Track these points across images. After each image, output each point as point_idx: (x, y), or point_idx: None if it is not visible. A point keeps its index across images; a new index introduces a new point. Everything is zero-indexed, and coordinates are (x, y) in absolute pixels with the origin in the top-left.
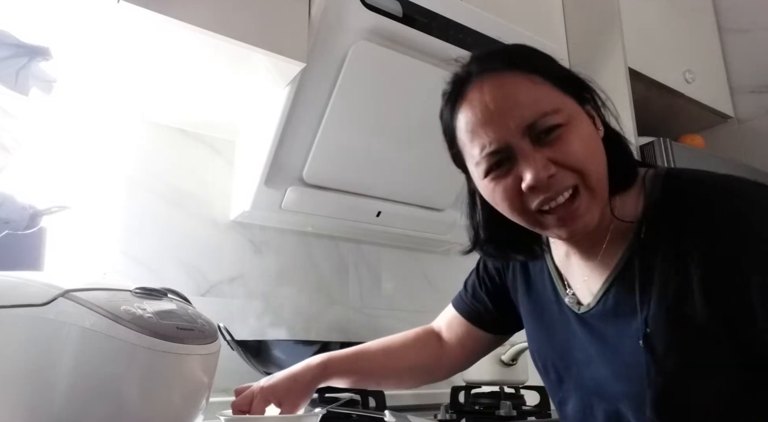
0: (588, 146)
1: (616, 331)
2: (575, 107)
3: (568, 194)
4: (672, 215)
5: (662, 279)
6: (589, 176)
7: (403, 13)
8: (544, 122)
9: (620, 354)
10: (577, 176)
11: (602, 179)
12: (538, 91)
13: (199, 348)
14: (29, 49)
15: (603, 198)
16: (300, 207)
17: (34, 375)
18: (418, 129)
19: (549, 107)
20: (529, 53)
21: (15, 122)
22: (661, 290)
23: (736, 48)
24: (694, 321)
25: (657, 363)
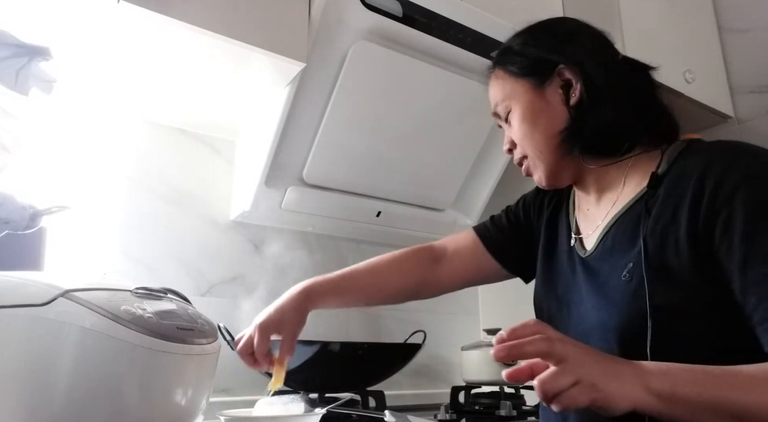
0: (524, 127)
1: (609, 267)
2: (524, 90)
3: (524, 161)
4: (678, 172)
5: (654, 221)
6: (526, 150)
7: (403, 13)
8: (498, 111)
9: (605, 287)
10: (521, 151)
11: (541, 151)
12: (497, 84)
13: (199, 348)
14: (29, 49)
15: (546, 165)
16: (300, 207)
17: (34, 375)
18: (418, 129)
19: (499, 97)
20: (502, 48)
21: (15, 122)
22: (652, 231)
23: (736, 48)
24: (675, 261)
25: (632, 296)
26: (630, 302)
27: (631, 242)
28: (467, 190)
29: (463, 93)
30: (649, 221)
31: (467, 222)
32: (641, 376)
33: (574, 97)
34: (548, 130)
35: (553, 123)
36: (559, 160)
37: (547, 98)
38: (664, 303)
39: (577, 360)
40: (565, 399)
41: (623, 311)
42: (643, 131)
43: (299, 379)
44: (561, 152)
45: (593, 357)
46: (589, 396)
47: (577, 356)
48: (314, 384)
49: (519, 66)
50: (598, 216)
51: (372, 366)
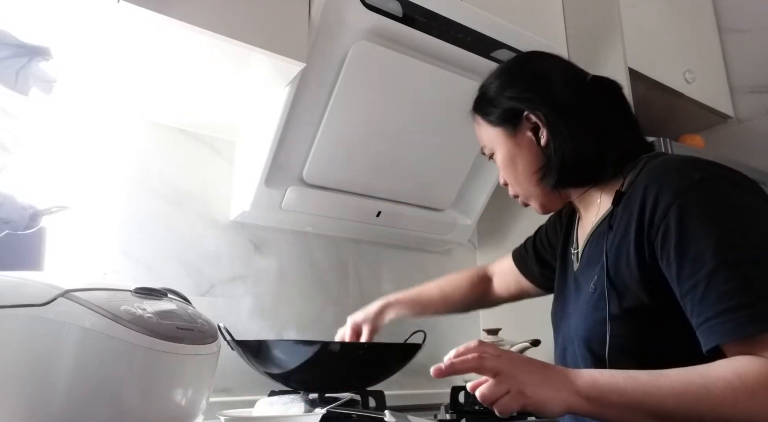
0: (508, 170)
1: (584, 280)
2: (499, 136)
3: (517, 195)
4: (631, 190)
5: (613, 237)
6: (515, 188)
7: (403, 13)
8: (485, 152)
9: (581, 298)
10: (512, 189)
11: (526, 189)
12: (480, 130)
13: (199, 348)
14: (29, 49)
15: (536, 198)
16: (300, 207)
17: (34, 375)
18: (418, 129)
19: (484, 141)
20: (478, 98)
21: (15, 122)
22: (611, 247)
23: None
24: (627, 274)
25: (594, 306)
26: (593, 312)
27: (598, 257)
28: (467, 190)
29: (463, 93)
30: (610, 237)
31: (467, 222)
32: (570, 382)
33: (543, 138)
34: (527, 171)
35: (530, 164)
36: (544, 194)
37: (521, 143)
38: (619, 312)
39: (509, 372)
40: (499, 407)
41: (588, 320)
42: (609, 155)
43: (299, 379)
44: (543, 188)
45: (526, 367)
46: (519, 402)
47: (510, 369)
48: (314, 384)
49: (493, 116)
50: (585, 233)
51: (372, 366)
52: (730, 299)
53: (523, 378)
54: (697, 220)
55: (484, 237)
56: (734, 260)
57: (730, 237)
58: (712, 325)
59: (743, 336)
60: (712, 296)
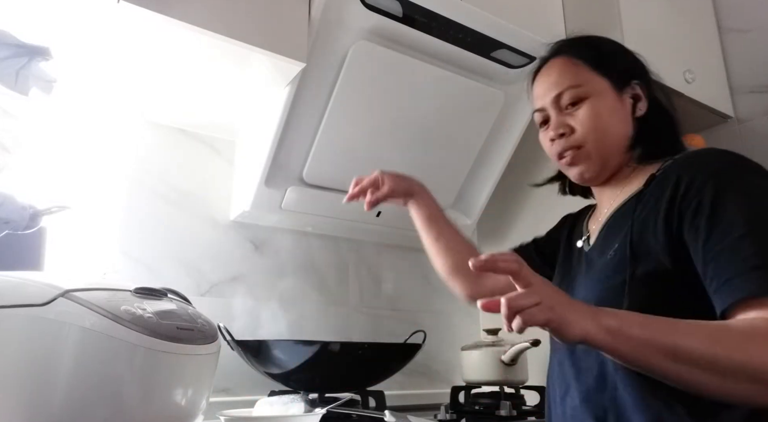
0: (598, 119)
1: (599, 253)
2: (604, 87)
3: (573, 151)
4: (665, 174)
5: (641, 210)
6: (589, 142)
7: (403, 13)
8: (568, 94)
9: (595, 270)
10: (582, 139)
11: (603, 147)
12: (571, 70)
13: (199, 348)
14: (29, 49)
15: (601, 159)
16: (300, 207)
17: (34, 375)
18: (418, 129)
19: (574, 81)
20: (579, 42)
21: (15, 122)
22: (637, 217)
23: (736, 48)
24: (653, 241)
25: (613, 270)
26: (611, 275)
27: (619, 228)
28: (467, 190)
29: (463, 93)
30: (638, 210)
31: (467, 222)
32: (595, 313)
33: (641, 111)
34: (619, 131)
35: (624, 127)
36: (612, 158)
37: (623, 102)
38: (640, 275)
39: (542, 286)
40: (525, 316)
41: (602, 285)
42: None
43: (299, 379)
44: (621, 153)
45: (556, 289)
46: (546, 316)
47: (542, 284)
48: (314, 384)
49: (604, 68)
50: (599, 221)
51: (372, 366)
52: (753, 261)
53: (555, 296)
54: (732, 196)
55: (484, 237)
56: (764, 232)
57: (761, 213)
58: (732, 284)
59: (762, 294)
60: (737, 258)
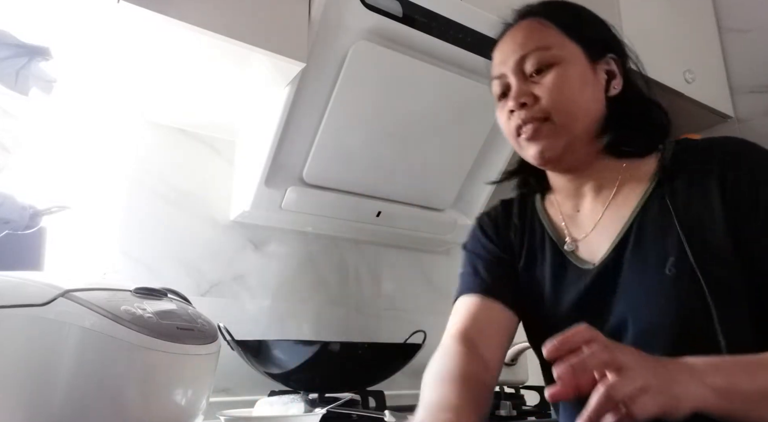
0: (568, 89)
1: (640, 268)
2: (576, 54)
3: (535, 124)
4: (691, 166)
5: (685, 212)
6: (554, 114)
7: (403, 13)
8: (534, 57)
9: (642, 288)
10: (548, 111)
11: (570, 122)
12: (540, 31)
13: (199, 348)
14: (29, 49)
15: (567, 136)
16: (300, 207)
17: (34, 375)
18: (418, 129)
19: (542, 43)
20: (551, 4)
21: (15, 122)
22: (686, 221)
23: (736, 48)
24: (718, 242)
25: (687, 287)
26: (686, 294)
27: (662, 236)
28: (467, 190)
29: (463, 93)
30: (679, 213)
31: (467, 222)
32: (696, 374)
33: (615, 89)
34: (590, 106)
35: (595, 102)
36: (578, 140)
37: (597, 75)
38: (720, 283)
39: (638, 366)
40: (635, 407)
41: (683, 305)
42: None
43: (299, 379)
44: (589, 135)
45: (648, 361)
46: (658, 401)
47: (636, 362)
48: (314, 384)
49: (577, 32)
50: (592, 219)
51: (372, 366)
52: None
53: (654, 373)
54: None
55: None
56: None
57: None
58: None
59: None
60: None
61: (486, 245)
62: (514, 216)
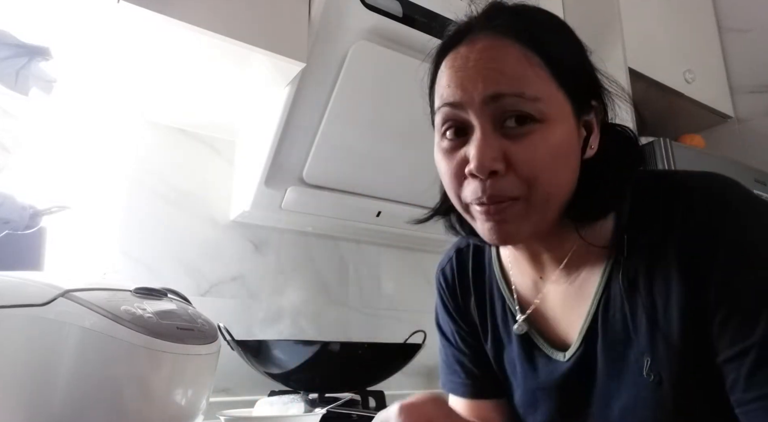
0: (554, 158)
1: (615, 367)
2: (566, 110)
3: (506, 204)
4: (646, 225)
5: (646, 297)
6: (536, 191)
7: (403, 13)
8: (514, 103)
9: (625, 393)
10: (524, 187)
11: (552, 200)
12: (528, 70)
13: (199, 348)
14: (29, 49)
15: (541, 216)
16: (300, 207)
17: (34, 375)
18: (419, 129)
19: (530, 91)
20: (542, 30)
21: (15, 122)
22: (649, 312)
23: (736, 48)
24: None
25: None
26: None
27: (632, 330)
28: None
29: None
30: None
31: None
32: None
33: (591, 150)
34: (570, 178)
35: (573, 172)
36: (553, 219)
37: (579, 137)
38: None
39: None
40: None
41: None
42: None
43: (299, 379)
44: (560, 210)
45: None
46: None
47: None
48: (314, 384)
49: (569, 73)
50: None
51: (372, 366)
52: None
53: None
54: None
55: None
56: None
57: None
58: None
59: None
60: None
61: (452, 329)
62: (469, 277)
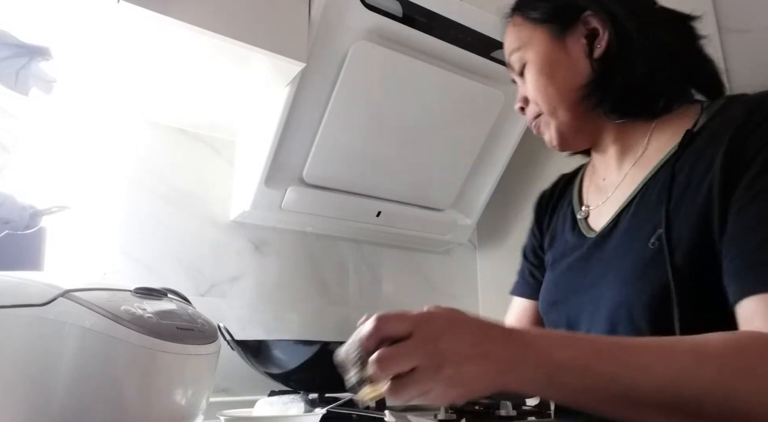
0: (540, 82)
1: (630, 239)
2: (542, 40)
3: (536, 121)
4: (714, 127)
5: (685, 184)
6: (540, 106)
7: (403, 13)
8: (514, 59)
9: (625, 261)
10: (535, 109)
11: (556, 107)
12: (513, 32)
13: (199, 348)
14: (29, 49)
15: (559, 120)
16: (300, 207)
17: (34, 375)
18: (418, 129)
19: (515, 44)
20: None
21: (15, 122)
22: (675, 192)
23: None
24: (709, 226)
25: (656, 269)
26: (656, 269)
27: (657, 208)
28: (467, 190)
29: (463, 93)
30: (676, 185)
31: (467, 222)
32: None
33: (600, 48)
34: (566, 84)
35: (572, 77)
36: (575, 119)
37: (568, 48)
38: (689, 266)
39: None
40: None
41: (651, 281)
42: (682, 86)
43: (299, 379)
44: (579, 110)
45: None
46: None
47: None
48: (314, 384)
49: (541, 11)
50: (612, 184)
51: None
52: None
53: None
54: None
55: (484, 237)
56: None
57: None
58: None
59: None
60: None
61: (531, 245)
62: (555, 196)
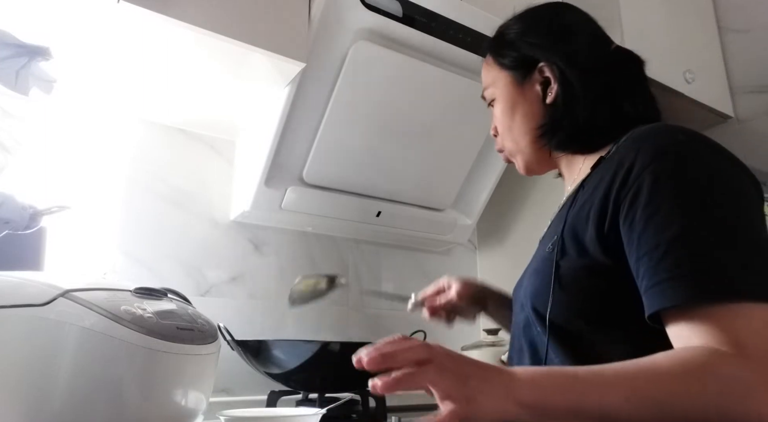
0: (504, 120)
1: (542, 246)
2: (506, 83)
3: (503, 150)
4: (615, 152)
5: (581, 196)
6: (505, 143)
7: (403, 13)
8: (486, 93)
9: (536, 261)
10: (500, 141)
11: (516, 145)
12: (486, 70)
13: (199, 348)
14: (29, 49)
15: (523, 156)
16: (300, 207)
17: (34, 375)
18: (418, 129)
19: (486, 81)
20: (496, 35)
21: (15, 122)
22: (573, 209)
23: (736, 48)
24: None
25: (548, 263)
26: (545, 268)
27: (561, 220)
28: (467, 190)
29: (463, 93)
30: (579, 197)
31: (467, 222)
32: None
33: (551, 95)
34: (525, 125)
35: (529, 119)
36: (534, 152)
37: (526, 94)
38: (567, 270)
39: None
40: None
41: (538, 278)
42: (623, 124)
43: (299, 379)
44: (536, 146)
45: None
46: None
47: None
48: (314, 384)
49: (507, 58)
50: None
51: None
52: (685, 266)
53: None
54: (673, 183)
55: (484, 237)
56: (701, 229)
57: (702, 206)
58: (660, 289)
59: (692, 304)
60: (669, 260)
61: None
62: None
